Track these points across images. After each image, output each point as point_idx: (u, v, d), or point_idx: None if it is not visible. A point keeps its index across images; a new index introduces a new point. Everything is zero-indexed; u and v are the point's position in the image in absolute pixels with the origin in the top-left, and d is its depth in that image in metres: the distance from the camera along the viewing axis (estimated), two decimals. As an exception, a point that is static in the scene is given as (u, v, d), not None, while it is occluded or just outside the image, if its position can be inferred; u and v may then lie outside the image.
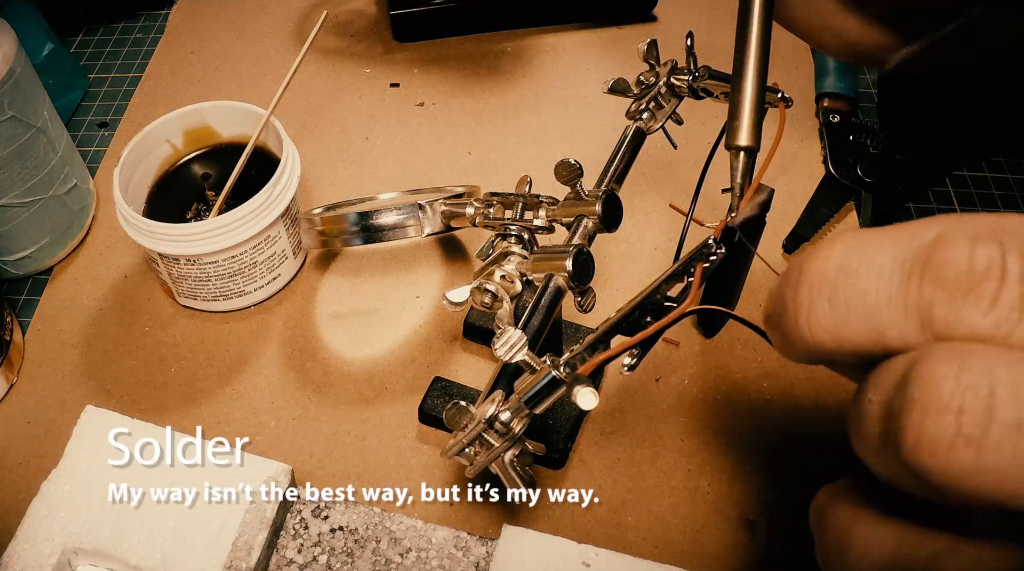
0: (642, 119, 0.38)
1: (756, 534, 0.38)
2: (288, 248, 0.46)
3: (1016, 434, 0.14)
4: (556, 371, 0.27)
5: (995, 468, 0.14)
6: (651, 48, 0.39)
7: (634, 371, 0.27)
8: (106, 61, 0.63)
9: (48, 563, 0.35)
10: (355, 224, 0.40)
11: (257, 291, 0.45)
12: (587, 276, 0.31)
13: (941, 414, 0.15)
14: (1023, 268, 0.15)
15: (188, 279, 0.44)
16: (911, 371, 0.15)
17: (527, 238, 0.35)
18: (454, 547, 0.37)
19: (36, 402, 0.43)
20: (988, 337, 0.15)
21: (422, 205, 0.39)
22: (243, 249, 0.43)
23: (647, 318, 0.28)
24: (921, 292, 0.16)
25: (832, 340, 0.17)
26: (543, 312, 0.31)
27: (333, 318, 0.46)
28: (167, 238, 0.41)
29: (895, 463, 0.16)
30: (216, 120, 0.48)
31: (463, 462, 0.30)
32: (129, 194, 0.45)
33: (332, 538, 0.37)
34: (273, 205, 0.43)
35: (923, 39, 0.27)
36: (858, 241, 0.17)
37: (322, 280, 0.48)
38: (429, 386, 0.41)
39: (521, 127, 0.56)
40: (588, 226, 0.33)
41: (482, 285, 0.32)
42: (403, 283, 0.48)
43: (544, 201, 0.35)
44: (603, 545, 0.36)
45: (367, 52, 0.62)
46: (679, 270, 0.28)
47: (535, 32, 0.62)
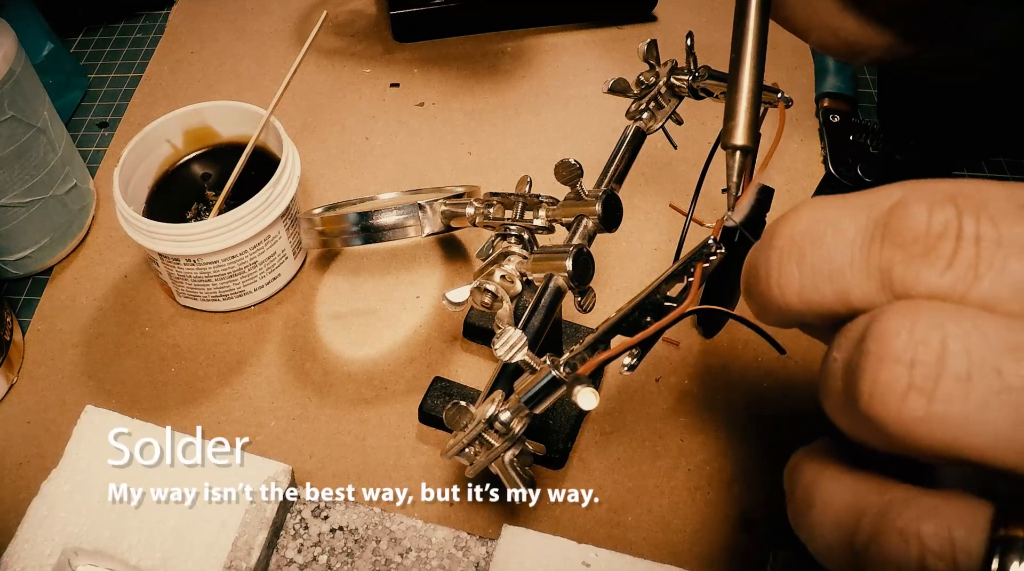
0: (642, 119, 0.38)
1: (756, 534, 0.38)
2: (288, 248, 0.46)
3: (965, 385, 0.15)
4: (556, 371, 0.27)
5: (945, 418, 0.15)
6: (651, 48, 0.38)
7: (634, 371, 0.27)
8: (106, 61, 0.63)
9: (48, 563, 0.35)
10: (355, 224, 0.40)
11: (257, 291, 0.45)
12: (587, 276, 0.31)
13: (894, 366, 0.15)
14: (978, 229, 0.16)
15: (188, 279, 0.44)
16: (868, 327, 0.16)
17: (527, 238, 0.35)
18: (454, 547, 0.37)
19: (36, 402, 0.43)
20: (945, 295, 0.16)
21: (422, 205, 0.39)
22: (243, 249, 0.43)
23: (647, 318, 0.28)
24: (882, 254, 0.16)
25: (801, 302, 0.18)
26: (543, 312, 0.31)
27: (333, 318, 0.46)
28: (167, 238, 0.41)
29: (856, 417, 0.16)
30: (216, 120, 0.48)
31: (463, 462, 0.30)
32: (129, 194, 0.45)
33: (332, 538, 0.37)
34: (273, 205, 0.43)
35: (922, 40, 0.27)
36: (823, 207, 0.18)
37: (322, 280, 0.48)
38: (429, 386, 0.41)
39: (521, 127, 0.56)
40: (588, 226, 0.33)
41: (482, 285, 0.32)
42: (403, 283, 0.48)
43: (544, 201, 0.35)
44: (603, 545, 0.36)
45: (367, 52, 0.62)
46: (679, 270, 0.28)
47: (535, 32, 0.63)
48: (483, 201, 0.37)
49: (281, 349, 0.45)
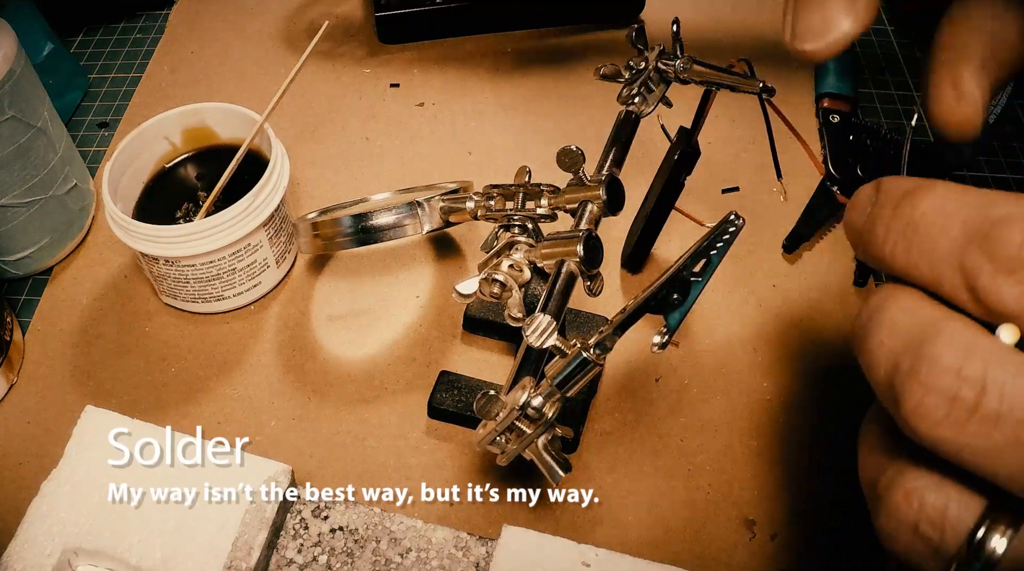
0: (634, 103, 0.38)
1: (756, 534, 0.38)
2: (271, 257, 0.45)
3: (992, 424, 0.18)
4: (587, 353, 0.28)
5: (968, 445, 0.18)
6: (639, 34, 0.39)
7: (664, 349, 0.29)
8: (106, 61, 0.63)
9: (48, 563, 0.35)
10: (351, 227, 0.40)
11: (237, 297, 0.45)
12: (597, 260, 0.32)
13: (938, 396, 0.18)
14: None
15: (168, 279, 0.44)
16: (924, 347, 0.19)
17: (531, 227, 0.36)
18: (454, 547, 0.37)
19: (36, 402, 0.43)
20: (1014, 315, 0.18)
21: (420, 202, 0.39)
22: (221, 255, 0.43)
23: (675, 296, 0.29)
24: (975, 259, 0.19)
25: (902, 270, 0.21)
26: (559, 298, 0.32)
27: (333, 318, 0.46)
28: (144, 238, 0.41)
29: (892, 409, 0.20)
30: (215, 121, 0.48)
31: (494, 451, 0.31)
32: (123, 188, 0.45)
33: (332, 538, 0.37)
34: (254, 214, 0.42)
35: None
36: (943, 197, 0.20)
37: (322, 280, 0.48)
38: (436, 381, 0.41)
39: (521, 127, 0.56)
40: (593, 211, 0.34)
41: (491, 276, 0.33)
42: (402, 283, 0.48)
43: (545, 190, 0.36)
44: (603, 545, 0.36)
45: (367, 53, 0.62)
46: (703, 248, 0.28)
47: (535, 33, 0.63)
48: (483, 194, 0.38)
49: (281, 349, 0.45)
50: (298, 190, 0.53)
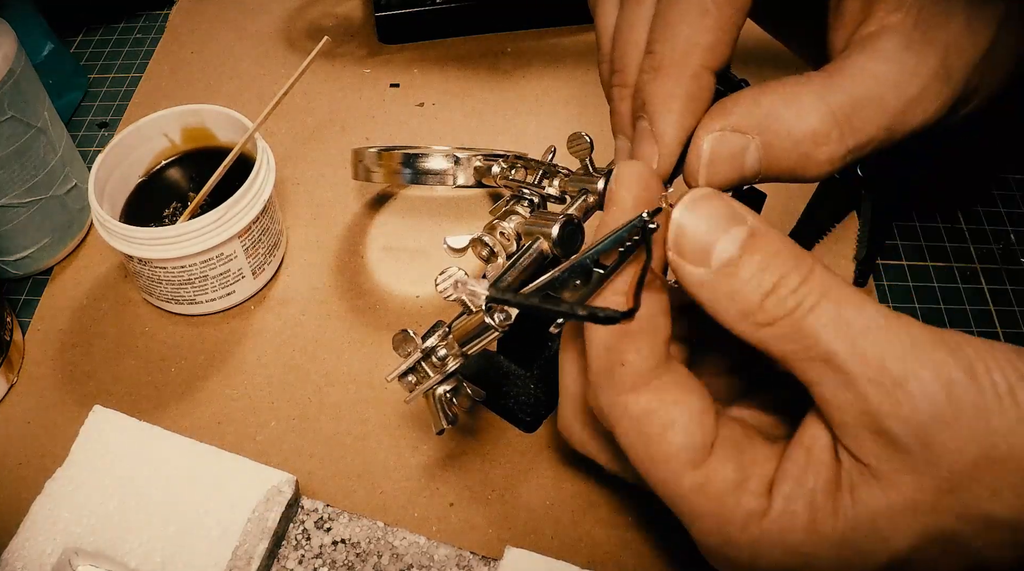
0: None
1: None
2: (246, 268, 0.45)
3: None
4: (489, 317, 0.30)
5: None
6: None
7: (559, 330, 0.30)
8: (106, 61, 0.63)
9: (48, 562, 0.35)
10: (402, 163, 0.44)
11: (209, 302, 0.45)
12: (572, 247, 0.32)
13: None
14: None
15: (142, 277, 0.44)
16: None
17: (536, 202, 0.36)
18: (456, 566, 0.36)
19: (36, 402, 0.43)
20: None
21: (458, 158, 0.42)
22: (192, 262, 0.42)
23: (576, 281, 0.28)
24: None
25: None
26: (518, 271, 0.32)
27: (333, 318, 0.46)
28: (120, 236, 0.42)
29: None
30: (213, 123, 0.48)
31: (404, 389, 0.34)
32: (116, 182, 0.45)
33: (334, 550, 0.37)
34: (228, 225, 0.42)
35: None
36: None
37: (321, 280, 0.48)
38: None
39: (521, 127, 0.56)
40: (589, 201, 0.34)
41: (481, 237, 0.34)
42: (403, 283, 0.48)
43: (561, 172, 0.37)
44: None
45: (367, 53, 0.62)
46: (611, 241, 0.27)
47: (535, 33, 0.63)
48: (510, 162, 0.39)
49: (281, 349, 0.45)
50: (297, 190, 0.53)
